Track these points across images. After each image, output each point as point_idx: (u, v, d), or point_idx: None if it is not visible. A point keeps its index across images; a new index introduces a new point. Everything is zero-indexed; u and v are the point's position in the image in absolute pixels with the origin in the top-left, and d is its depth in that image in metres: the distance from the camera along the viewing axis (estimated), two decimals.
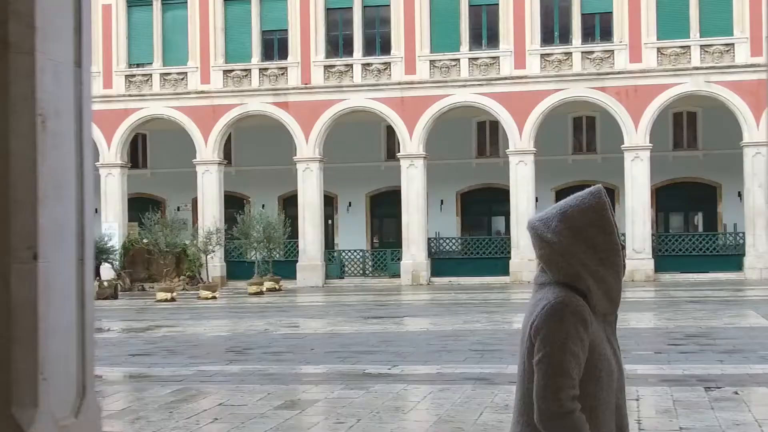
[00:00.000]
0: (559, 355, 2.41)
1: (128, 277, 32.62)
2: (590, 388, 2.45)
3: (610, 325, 2.58)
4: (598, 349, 2.46)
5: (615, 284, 2.51)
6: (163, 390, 10.56)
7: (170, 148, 36.32)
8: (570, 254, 2.48)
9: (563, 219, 2.52)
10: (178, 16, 33.51)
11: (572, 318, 2.43)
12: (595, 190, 2.56)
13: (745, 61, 29.64)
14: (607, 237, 2.48)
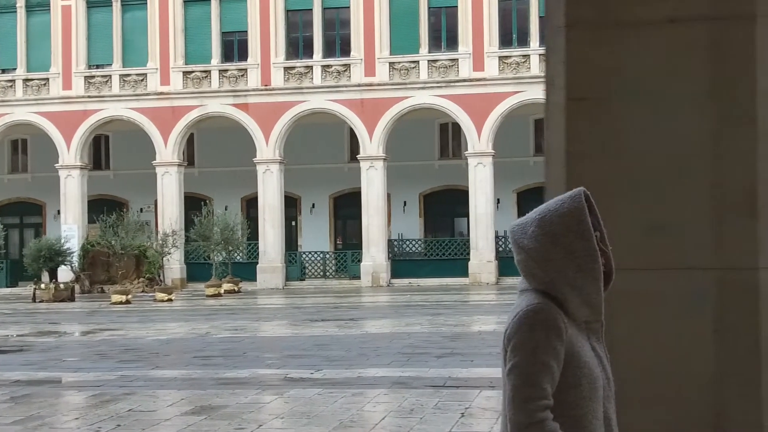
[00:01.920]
0: (529, 365, 2.34)
1: (87, 280, 32.49)
2: (571, 398, 2.38)
3: (595, 332, 2.49)
4: (578, 357, 2.39)
5: (594, 291, 2.42)
6: (78, 395, 10.54)
7: (133, 149, 36.17)
8: (546, 261, 2.40)
9: (541, 224, 2.44)
10: (138, 18, 33.40)
11: (543, 326, 2.36)
12: (575, 194, 2.48)
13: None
14: (585, 243, 2.40)
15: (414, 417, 8.85)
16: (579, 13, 3.23)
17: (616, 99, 3.20)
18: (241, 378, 11.55)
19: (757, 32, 3.13)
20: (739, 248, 3.13)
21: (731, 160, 3.14)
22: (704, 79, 3.15)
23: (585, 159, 3.22)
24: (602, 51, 3.22)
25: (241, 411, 9.31)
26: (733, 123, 3.14)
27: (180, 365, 12.89)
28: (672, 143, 3.17)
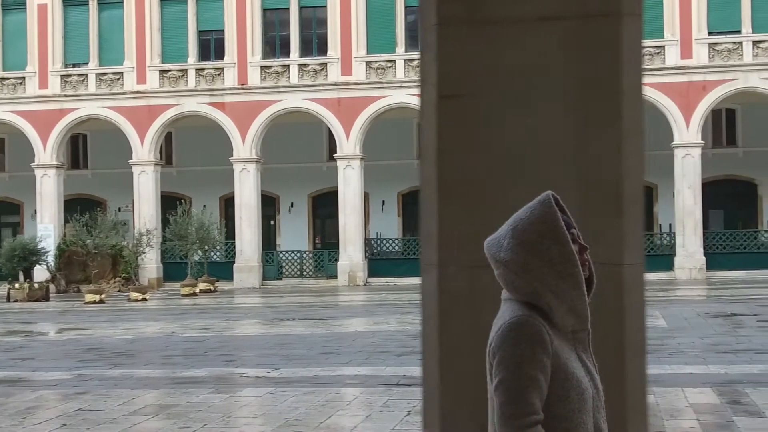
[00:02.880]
0: (515, 380, 2.27)
1: (64, 279, 32.36)
2: (559, 410, 2.31)
3: (582, 342, 2.42)
4: (565, 369, 2.32)
5: (578, 297, 2.35)
6: (30, 395, 10.50)
7: (110, 148, 36.01)
8: (525, 271, 2.34)
9: (514, 234, 2.37)
10: (115, 16, 33.28)
11: (527, 340, 2.29)
12: (544, 199, 2.42)
13: (675, 63, 29.95)
14: (562, 248, 2.34)
15: (360, 415, 8.87)
16: (450, 11, 3.24)
17: (486, 96, 3.22)
18: (197, 377, 11.53)
19: (622, 30, 3.16)
20: (604, 245, 3.15)
21: (597, 157, 3.16)
22: (572, 77, 3.18)
23: (455, 155, 3.23)
24: (473, 48, 3.23)
25: (189, 410, 9.30)
26: (599, 121, 3.16)
27: (138, 365, 12.87)
28: (540, 140, 3.19)
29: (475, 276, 3.28)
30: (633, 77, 3.18)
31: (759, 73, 29.58)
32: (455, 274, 3.24)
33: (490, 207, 3.24)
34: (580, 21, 3.17)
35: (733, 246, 32.03)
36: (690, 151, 29.96)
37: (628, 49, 3.17)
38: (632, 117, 3.17)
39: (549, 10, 3.18)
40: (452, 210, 3.25)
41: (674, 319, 16.51)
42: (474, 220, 3.23)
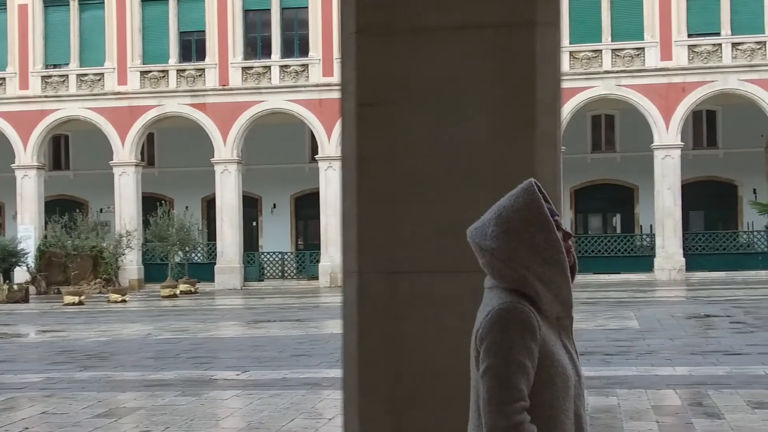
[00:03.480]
0: (504, 366, 2.27)
1: (44, 281, 32.26)
2: (545, 397, 2.32)
3: (566, 329, 2.42)
4: (551, 356, 2.33)
5: (564, 284, 2.35)
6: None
7: (92, 149, 35.91)
8: (512, 259, 2.33)
9: (499, 222, 2.37)
10: (96, 17, 33.19)
11: (517, 326, 2.29)
12: (527, 186, 2.40)
13: (654, 65, 30.09)
14: (547, 235, 2.34)
15: (324, 418, 8.89)
16: (369, 19, 3.27)
17: (405, 103, 3.25)
18: (165, 380, 11.53)
19: (537, 39, 3.19)
20: None
21: (513, 165, 3.19)
22: (489, 85, 3.21)
23: (374, 162, 3.26)
24: (392, 57, 3.26)
25: (153, 413, 9.31)
26: (515, 130, 3.20)
27: (109, 367, 12.84)
28: (458, 147, 3.23)
29: (393, 282, 3.32)
30: (548, 86, 3.22)
31: (738, 75, 29.74)
32: (375, 281, 3.27)
33: (409, 214, 3.28)
34: (496, 30, 3.20)
35: (713, 247, 32.20)
36: (670, 153, 30.09)
37: (543, 58, 3.20)
38: (547, 125, 3.21)
39: (466, 20, 3.22)
40: (371, 217, 3.28)
41: (647, 321, 16.59)
42: (393, 227, 3.27)
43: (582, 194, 35.53)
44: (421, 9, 3.25)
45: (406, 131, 3.25)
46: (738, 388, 9.67)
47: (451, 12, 3.22)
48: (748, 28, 29.75)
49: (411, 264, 3.25)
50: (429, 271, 3.26)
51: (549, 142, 3.22)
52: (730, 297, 22.13)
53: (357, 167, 3.28)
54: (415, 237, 3.24)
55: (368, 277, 3.28)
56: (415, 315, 3.25)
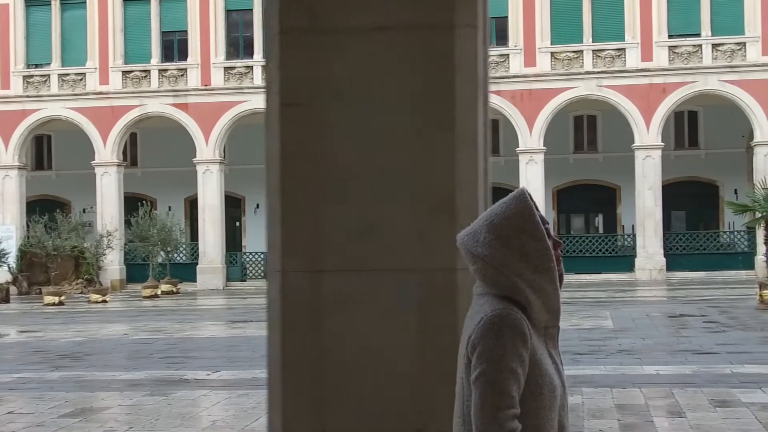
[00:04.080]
0: (497, 373, 2.27)
1: (26, 281, 32.17)
2: (532, 405, 2.31)
3: (552, 338, 2.42)
4: (539, 364, 2.33)
5: (553, 293, 2.37)
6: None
7: (75, 149, 35.82)
8: (504, 266, 2.34)
9: (491, 229, 2.37)
10: (77, 16, 33.10)
11: (510, 333, 2.29)
12: (519, 194, 2.41)
13: (635, 65, 30.21)
14: (539, 243, 2.34)
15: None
16: (292, 20, 3.30)
17: (327, 104, 3.27)
18: (135, 380, 11.53)
19: (456, 41, 3.23)
20: (439, 250, 3.22)
21: (432, 165, 3.22)
22: (409, 86, 3.24)
23: (297, 162, 3.29)
24: (314, 57, 3.28)
25: (119, 413, 9.32)
26: (435, 130, 3.23)
27: (81, 367, 12.83)
28: (379, 148, 3.25)
29: (317, 282, 3.34)
30: (468, 87, 3.25)
31: (718, 76, 29.87)
32: (298, 280, 3.29)
33: (332, 214, 3.30)
34: (417, 32, 3.23)
35: (694, 247, 32.35)
36: (650, 153, 30.22)
37: (463, 59, 3.23)
38: (466, 127, 3.23)
39: (387, 21, 3.24)
40: (295, 217, 3.30)
41: (622, 320, 16.66)
42: (316, 226, 3.29)
43: (564, 194, 35.64)
44: (343, 10, 3.27)
45: (329, 131, 3.27)
46: (703, 386, 9.74)
47: (373, 13, 3.25)
48: (728, 29, 29.90)
49: (334, 263, 3.28)
50: (352, 270, 3.28)
51: (469, 143, 3.26)
52: (707, 297, 22.24)
53: (280, 166, 3.30)
54: (337, 236, 3.27)
55: (292, 276, 3.30)
56: (338, 314, 3.28)
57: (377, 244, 3.33)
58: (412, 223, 3.31)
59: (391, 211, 3.27)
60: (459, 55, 3.21)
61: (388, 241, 3.31)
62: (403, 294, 3.26)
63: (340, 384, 3.30)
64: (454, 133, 3.19)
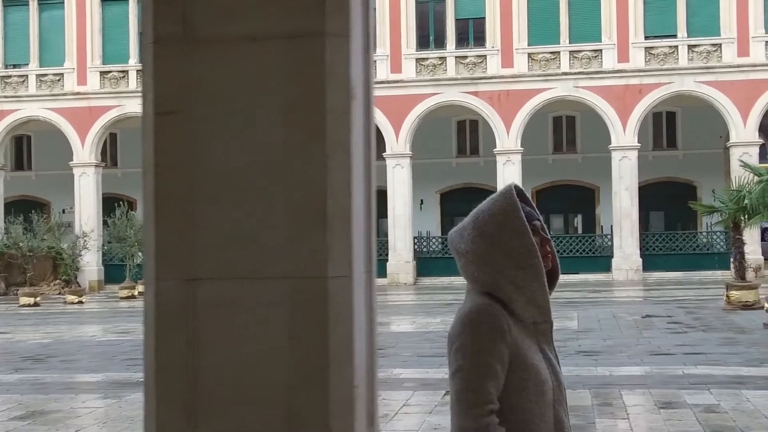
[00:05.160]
0: (472, 368, 2.28)
1: (3, 282, 32.08)
2: (516, 401, 2.31)
3: (544, 333, 2.42)
4: (523, 359, 2.32)
5: (539, 289, 2.35)
6: None
7: (54, 149, 35.74)
8: (485, 262, 2.35)
9: (476, 226, 2.38)
10: (55, 17, 33.03)
11: (486, 328, 2.29)
12: (505, 190, 2.41)
13: (612, 66, 30.31)
14: (522, 239, 2.34)
15: None
16: (166, 28, 3.30)
17: (200, 113, 3.28)
18: (93, 382, 11.53)
19: (326, 51, 3.24)
20: (311, 258, 3.23)
21: (304, 174, 3.23)
22: (281, 97, 3.25)
23: (171, 170, 3.29)
24: (188, 66, 3.30)
25: (70, 415, 9.32)
26: (305, 140, 3.24)
27: (41, 369, 12.81)
28: (252, 156, 3.27)
29: (191, 289, 3.35)
30: (339, 97, 3.26)
31: (694, 77, 30.00)
32: (172, 288, 3.31)
33: (206, 222, 3.32)
34: (287, 41, 3.24)
35: (670, 247, 32.46)
36: (627, 154, 30.33)
37: (334, 68, 3.25)
38: (337, 136, 3.24)
39: (258, 30, 3.26)
40: (169, 225, 3.31)
41: (587, 321, 16.72)
42: (190, 234, 3.31)
43: (543, 195, 35.69)
44: (216, 19, 3.29)
45: (203, 139, 3.28)
46: (652, 388, 9.80)
47: (245, 23, 3.26)
48: (704, 30, 30.03)
49: (208, 271, 3.28)
50: (225, 278, 3.29)
51: (341, 150, 3.26)
52: (679, 297, 22.34)
53: (155, 174, 3.32)
54: (211, 244, 3.28)
55: (166, 284, 3.30)
56: (212, 322, 3.28)
57: (250, 253, 3.33)
58: (284, 231, 3.32)
59: (263, 220, 3.28)
60: (329, 64, 3.23)
61: (261, 250, 3.32)
62: (276, 302, 3.28)
63: (214, 390, 3.31)
64: (324, 141, 3.21)
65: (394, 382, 10.71)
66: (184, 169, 3.38)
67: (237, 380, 3.35)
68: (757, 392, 9.36)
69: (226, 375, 3.35)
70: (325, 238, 3.26)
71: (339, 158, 3.32)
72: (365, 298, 3.60)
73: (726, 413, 8.38)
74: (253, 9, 3.34)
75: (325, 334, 3.29)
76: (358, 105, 3.44)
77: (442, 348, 11.11)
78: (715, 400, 8.98)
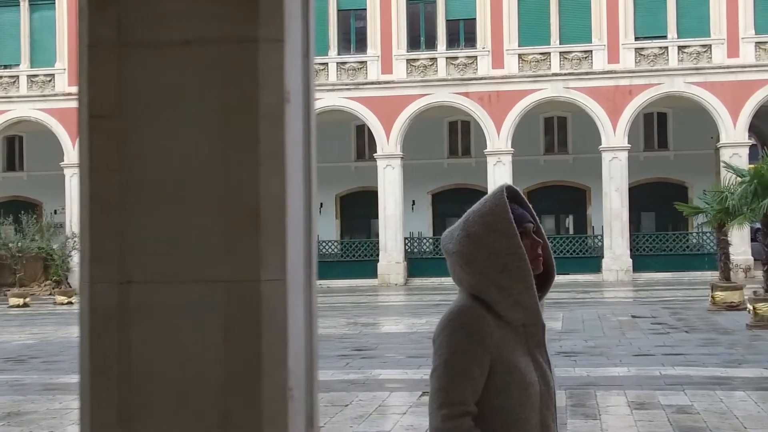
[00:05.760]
0: (446, 369, 2.27)
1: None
2: (499, 403, 2.29)
3: (534, 336, 2.38)
4: (506, 361, 2.29)
5: (525, 291, 2.31)
6: None
7: (46, 150, 35.70)
8: (469, 263, 2.32)
9: (465, 227, 2.36)
10: (46, 17, 33.00)
11: (464, 330, 2.28)
12: (496, 191, 2.38)
13: (602, 67, 30.35)
14: (509, 241, 2.30)
15: None
16: (100, 32, 3.32)
17: (134, 117, 3.30)
18: (73, 383, 11.51)
19: (259, 56, 3.26)
20: (244, 262, 3.25)
21: (237, 178, 3.24)
22: (214, 101, 3.26)
23: (105, 173, 3.30)
24: (123, 71, 3.31)
25: (44, 417, 9.32)
26: (239, 144, 3.26)
27: (22, 370, 12.81)
28: (186, 161, 3.28)
29: (124, 292, 3.37)
30: (273, 102, 3.28)
31: (684, 78, 30.06)
32: (106, 291, 3.32)
33: (140, 225, 3.34)
34: (220, 46, 3.26)
35: (660, 248, 32.50)
36: (617, 155, 30.37)
37: (267, 74, 3.26)
38: (271, 140, 3.25)
39: (193, 35, 3.27)
40: (103, 228, 3.32)
41: (572, 322, 16.74)
42: (124, 238, 3.33)
43: (535, 195, 35.61)
44: (151, 24, 3.30)
45: (136, 143, 3.29)
46: (628, 389, 9.82)
47: (180, 27, 3.28)
48: (694, 31, 30.08)
49: (142, 274, 3.30)
50: (159, 281, 3.30)
51: (275, 155, 3.27)
52: (667, 298, 22.37)
53: (89, 177, 3.33)
54: (145, 247, 3.29)
55: (99, 287, 3.32)
56: (145, 324, 3.30)
57: (184, 256, 3.35)
58: (217, 235, 3.33)
59: (197, 224, 3.30)
60: (263, 69, 3.25)
61: (194, 253, 3.34)
62: (209, 305, 3.31)
63: (148, 393, 3.32)
64: (258, 146, 3.23)
65: (373, 383, 10.73)
66: (117, 173, 3.40)
67: (170, 383, 3.38)
68: (732, 393, 9.38)
69: (160, 378, 3.38)
70: (258, 242, 3.28)
71: (273, 162, 3.34)
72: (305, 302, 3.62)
73: (698, 414, 8.40)
74: (187, 14, 3.36)
75: (258, 337, 3.31)
76: (293, 109, 3.46)
77: (426, 349, 11.12)
78: (689, 401, 9.00)
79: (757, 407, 8.64)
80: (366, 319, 19.16)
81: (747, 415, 8.29)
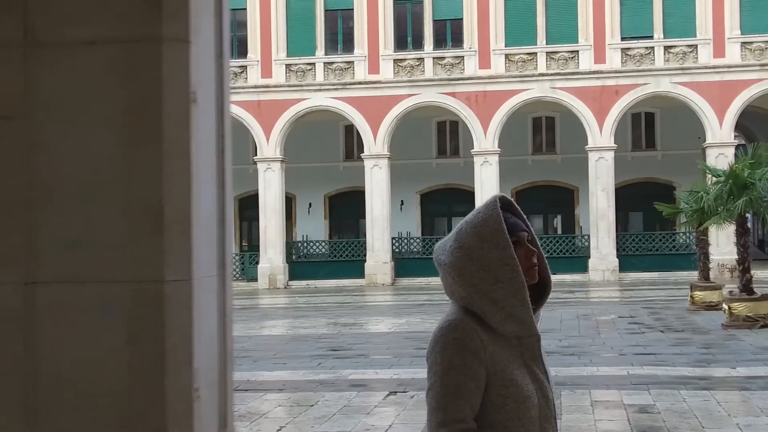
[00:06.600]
0: (441, 386, 2.23)
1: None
2: (496, 418, 2.26)
3: (530, 348, 2.35)
4: (502, 375, 2.26)
5: (518, 303, 2.27)
6: None
7: None
8: (461, 275, 2.29)
9: (457, 238, 2.33)
10: None
11: (456, 346, 2.24)
12: (490, 202, 2.35)
13: (588, 67, 30.38)
14: (501, 252, 2.27)
15: None
16: (7, 33, 3.32)
17: (39, 118, 3.30)
18: None
19: (163, 55, 3.26)
20: (148, 263, 3.25)
21: (141, 179, 3.25)
22: (118, 101, 3.27)
23: (9, 174, 3.31)
24: (29, 71, 3.31)
25: None
26: (142, 143, 3.26)
27: None
28: (89, 161, 3.29)
29: (29, 293, 3.38)
30: (179, 102, 3.28)
31: (671, 78, 30.10)
32: (11, 292, 3.32)
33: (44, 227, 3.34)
34: (125, 45, 3.26)
35: (647, 248, 32.54)
36: (603, 155, 30.40)
37: (171, 73, 3.26)
38: (175, 140, 3.25)
39: (98, 35, 3.28)
40: (7, 227, 3.33)
41: (550, 322, 16.73)
42: (28, 239, 3.33)
43: (523, 195, 35.72)
44: (57, 24, 3.31)
45: (42, 144, 3.30)
46: (593, 388, 9.84)
47: (86, 27, 3.28)
48: (680, 31, 30.12)
49: (47, 274, 3.31)
50: (64, 282, 3.32)
51: (179, 156, 3.28)
52: (649, 297, 22.39)
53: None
54: (51, 248, 3.30)
55: (4, 288, 3.33)
56: (51, 325, 3.31)
57: (89, 257, 3.35)
58: (121, 235, 3.33)
59: (101, 224, 3.31)
60: (167, 69, 3.25)
61: (99, 254, 3.34)
62: (113, 306, 3.31)
63: (53, 394, 3.33)
64: (161, 146, 3.23)
65: (342, 383, 10.73)
66: (21, 174, 3.39)
67: (76, 384, 3.38)
68: (695, 392, 9.40)
69: (65, 379, 3.38)
70: (162, 243, 3.28)
71: (177, 163, 3.33)
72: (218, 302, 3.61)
73: (658, 413, 8.42)
74: (92, 14, 3.37)
75: (161, 337, 3.31)
76: (201, 110, 3.45)
77: (402, 348, 11.21)
78: (652, 401, 9.02)
79: (719, 407, 8.66)
80: (347, 320, 19.15)
81: (707, 414, 8.31)
